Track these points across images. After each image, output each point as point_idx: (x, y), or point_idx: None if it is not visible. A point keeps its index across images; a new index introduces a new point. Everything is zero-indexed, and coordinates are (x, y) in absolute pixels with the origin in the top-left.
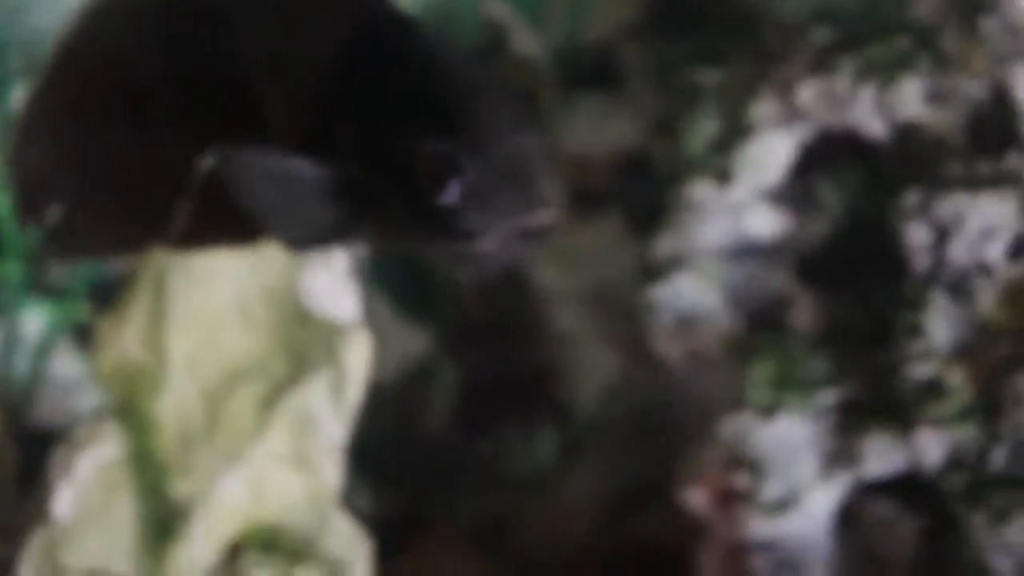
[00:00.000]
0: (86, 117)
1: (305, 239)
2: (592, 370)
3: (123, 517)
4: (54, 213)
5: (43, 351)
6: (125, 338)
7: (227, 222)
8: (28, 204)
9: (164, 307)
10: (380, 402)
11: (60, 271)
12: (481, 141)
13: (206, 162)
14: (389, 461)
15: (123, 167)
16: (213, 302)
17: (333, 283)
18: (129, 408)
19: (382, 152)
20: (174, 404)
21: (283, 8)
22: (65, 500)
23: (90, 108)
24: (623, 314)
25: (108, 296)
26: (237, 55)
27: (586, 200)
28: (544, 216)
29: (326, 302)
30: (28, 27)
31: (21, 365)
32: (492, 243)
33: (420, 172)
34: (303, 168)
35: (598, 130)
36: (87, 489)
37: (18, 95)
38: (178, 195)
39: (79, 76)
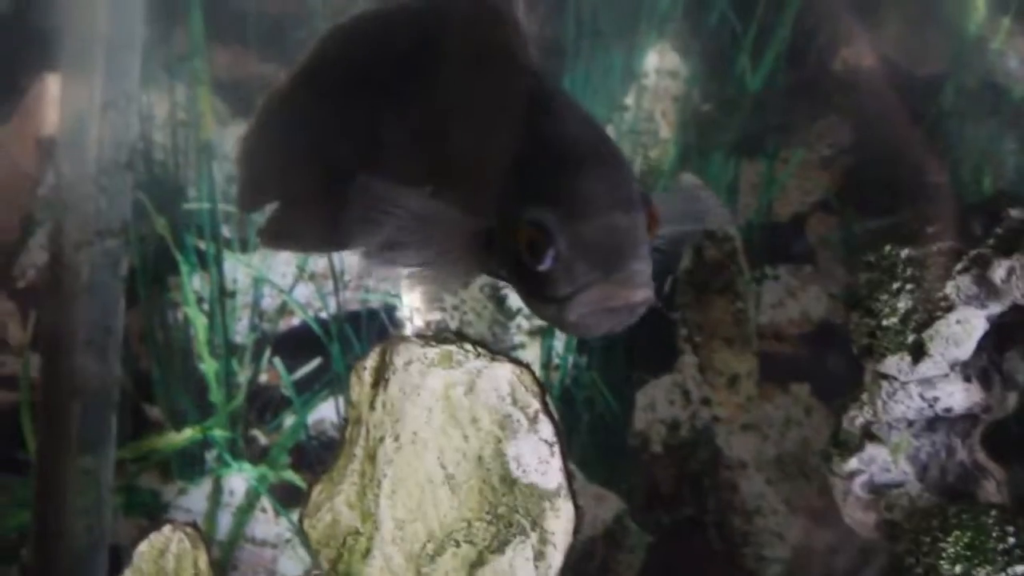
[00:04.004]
0: (312, 133)
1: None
2: (780, 537)
3: None
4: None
5: (246, 511)
6: (337, 502)
7: None
8: (248, 198)
9: (376, 473)
10: (570, 564)
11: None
12: (576, 215)
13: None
14: None
15: (337, 178)
16: (423, 468)
17: (538, 451)
18: (340, 571)
19: (503, 216)
20: (382, 568)
21: (463, 76)
22: None
23: (318, 127)
24: (812, 482)
25: (308, 460)
26: (433, 110)
27: (777, 370)
28: (631, 294)
29: (531, 469)
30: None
31: (225, 524)
32: (576, 313)
33: (521, 239)
34: (457, 217)
35: (788, 301)
36: None
37: (230, 265)
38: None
39: (313, 100)
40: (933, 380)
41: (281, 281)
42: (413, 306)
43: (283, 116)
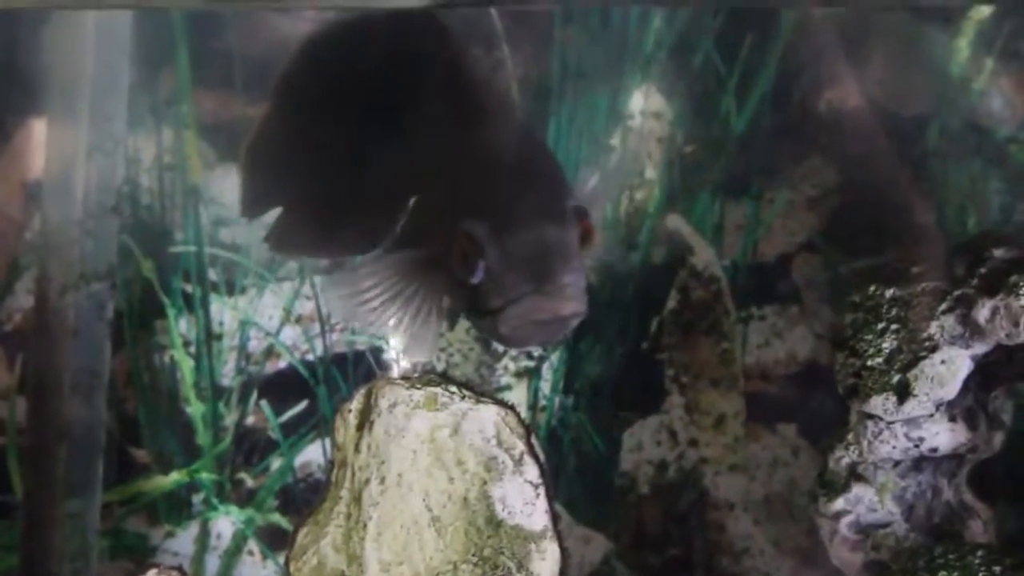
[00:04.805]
0: (309, 144)
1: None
2: None
3: None
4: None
5: (233, 554)
6: (323, 545)
7: None
8: (251, 206)
9: (361, 515)
10: None
11: (252, 481)
12: (506, 227)
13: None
14: None
15: (335, 185)
16: (408, 510)
17: (523, 492)
18: None
19: (442, 229)
20: None
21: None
22: None
23: (313, 134)
24: (799, 523)
25: (295, 502)
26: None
27: (764, 410)
28: (561, 307)
29: (517, 511)
30: (226, 244)
31: (212, 567)
32: (507, 325)
33: (456, 251)
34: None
35: (774, 342)
36: None
37: (216, 308)
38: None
39: (305, 104)
40: (918, 420)
41: (267, 324)
42: (399, 348)
43: (277, 125)
